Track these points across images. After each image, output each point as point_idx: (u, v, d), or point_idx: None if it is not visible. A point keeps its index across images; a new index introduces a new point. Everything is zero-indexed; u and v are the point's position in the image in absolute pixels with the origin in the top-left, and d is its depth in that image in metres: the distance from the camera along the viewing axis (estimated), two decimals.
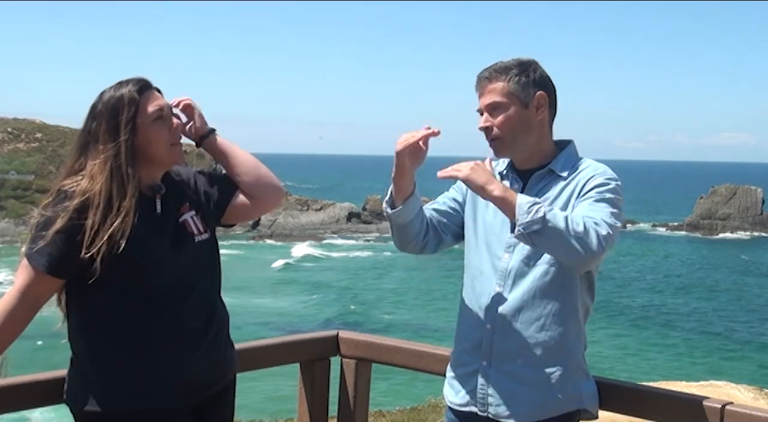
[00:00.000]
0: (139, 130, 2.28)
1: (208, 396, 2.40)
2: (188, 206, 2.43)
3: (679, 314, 34.37)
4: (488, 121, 2.49)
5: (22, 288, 2.24)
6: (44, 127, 62.88)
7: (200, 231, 2.41)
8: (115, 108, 2.26)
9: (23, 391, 2.46)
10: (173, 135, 2.36)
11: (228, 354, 2.48)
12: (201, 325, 2.35)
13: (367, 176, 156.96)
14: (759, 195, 65.11)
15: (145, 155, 2.30)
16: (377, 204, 63.59)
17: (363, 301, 37.36)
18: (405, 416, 11.38)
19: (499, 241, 2.51)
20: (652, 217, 74.35)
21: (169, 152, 2.34)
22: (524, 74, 2.48)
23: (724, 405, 2.34)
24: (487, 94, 2.50)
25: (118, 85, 2.31)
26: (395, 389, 17.60)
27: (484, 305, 2.52)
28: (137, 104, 2.27)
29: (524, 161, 2.54)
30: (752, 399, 11.44)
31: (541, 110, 2.49)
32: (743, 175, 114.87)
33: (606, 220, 2.28)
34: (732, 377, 18.29)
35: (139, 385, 2.26)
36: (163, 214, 2.35)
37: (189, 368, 2.32)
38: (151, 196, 2.34)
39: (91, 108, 2.31)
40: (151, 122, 2.29)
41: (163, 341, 2.28)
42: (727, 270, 47.95)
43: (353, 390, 3.14)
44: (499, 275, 2.50)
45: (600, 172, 2.44)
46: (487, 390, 2.49)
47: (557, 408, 2.43)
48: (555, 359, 2.44)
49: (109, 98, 2.28)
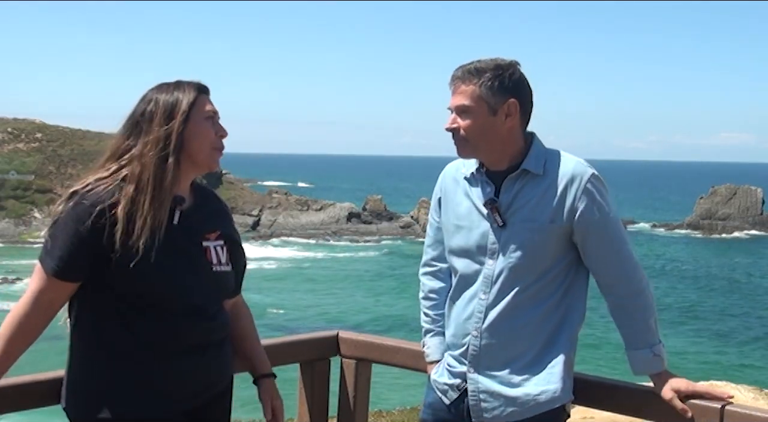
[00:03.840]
0: (191, 121, 2.27)
1: (204, 401, 2.36)
2: (218, 234, 2.39)
3: (678, 314, 34.35)
4: (455, 122, 2.47)
5: (34, 293, 2.22)
6: (44, 127, 62.87)
7: (221, 262, 2.37)
8: (174, 97, 2.27)
9: (22, 391, 2.44)
10: (219, 140, 2.34)
11: (225, 360, 2.43)
12: (200, 337, 2.30)
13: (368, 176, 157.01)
14: (759, 195, 65.13)
15: (188, 150, 2.28)
16: (377, 204, 63.64)
17: (363, 301, 37.36)
18: (405, 416, 11.39)
19: (481, 247, 2.49)
20: (652, 217, 74.24)
21: (210, 153, 2.32)
22: (497, 79, 2.42)
23: (723, 405, 2.34)
24: (458, 95, 2.46)
25: (178, 82, 2.33)
26: (395, 389, 17.59)
27: (470, 311, 2.51)
28: (195, 99, 2.28)
29: (494, 163, 2.50)
30: (752, 399, 11.43)
31: (510, 118, 2.44)
32: (743, 175, 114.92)
33: (631, 261, 2.43)
34: (732, 377, 18.29)
35: (132, 394, 2.22)
36: (180, 228, 2.29)
37: (184, 377, 2.28)
38: (171, 205, 2.27)
39: (145, 95, 2.31)
40: (203, 119, 2.29)
41: (158, 351, 2.23)
42: (727, 270, 47.94)
43: (353, 390, 3.14)
44: (483, 282, 2.48)
45: (583, 179, 2.41)
46: (479, 396, 2.49)
47: (542, 407, 2.44)
48: (542, 365, 2.44)
49: (169, 85, 2.30)
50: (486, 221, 2.48)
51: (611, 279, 2.45)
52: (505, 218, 2.45)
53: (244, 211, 62.17)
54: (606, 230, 2.43)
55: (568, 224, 2.42)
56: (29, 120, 64.35)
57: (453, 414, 2.57)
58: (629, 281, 2.44)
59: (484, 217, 2.48)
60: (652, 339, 2.44)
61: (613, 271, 2.45)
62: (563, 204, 2.42)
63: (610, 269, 2.45)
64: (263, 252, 50.80)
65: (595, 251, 2.45)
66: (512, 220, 2.44)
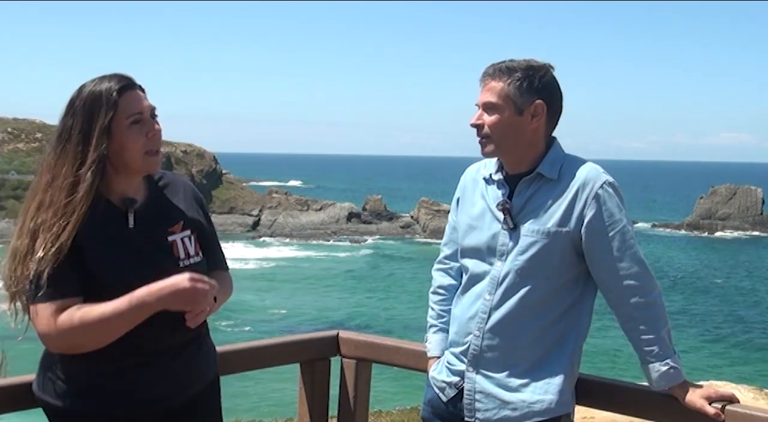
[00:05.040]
0: (115, 135, 2.16)
1: (185, 400, 2.30)
2: (182, 225, 2.30)
3: (678, 314, 34.30)
4: (480, 119, 2.46)
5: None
6: (44, 127, 62.84)
7: (189, 255, 2.29)
8: (92, 109, 2.15)
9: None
10: (151, 142, 2.21)
11: (204, 359, 2.38)
12: (174, 338, 2.25)
13: (368, 176, 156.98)
14: (759, 195, 65.12)
15: (119, 162, 2.19)
16: (377, 204, 63.59)
17: (363, 301, 37.34)
18: (405, 416, 11.38)
19: (491, 248, 2.48)
20: (652, 217, 74.30)
21: (143, 160, 2.21)
22: (527, 79, 2.40)
23: (724, 405, 2.34)
24: (486, 92, 2.45)
25: (100, 80, 2.19)
26: (395, 389, 17.59)
27: (474, 310, 2.50)
28: (116, 106, 2.15)
29: (514, 166, 2.48)
30: (752, 399, 11.41)
31: (536, 119, 2.42)
32: (743, 175, 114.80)
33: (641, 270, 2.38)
34: (732, 377, 18.28)
35: (110, 391, 2.18)
36: (137, 230, 2.22)
37: (156, 380, 2.23)
38: (123, 209, 2.21)
39: (69, 103, 2.20)
40: (127, 126, 2.17)
41: (134, 353, 2.18)
42: (727, 270, 47.91)
43: (353, 390, 3.14)
44: (490, 283, 2.47)
45: (595, 185, 2.38)
46: (474, 396, 2.48)
47: (535, 416, 2.40)
48: (542, 374, 2.42)
49: (89, 95, 2.17)
50: (497, 223, 2.47)
51: (619, 290, 2.39)
52: (515, 221, 2.43)
53: (244, 211, 62.20)
54: (614, 237, 2.37)
55: (576, 230, 2.39)
56: (29, 120, 64.40)
57: (450, 411, 2.56)
58: (639, 292, 2.37)
59: (496, 218, 2.47)
60: (667, 351, 2.38)
61: (621, 281, 2.38)
62: (573, 210, 2.39)
63: (617, 280, 2.38)
64: (263, 252, 50.79)
65: (602, 260, 2.39)
66: (522, 223, 2.43)
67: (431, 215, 59.57)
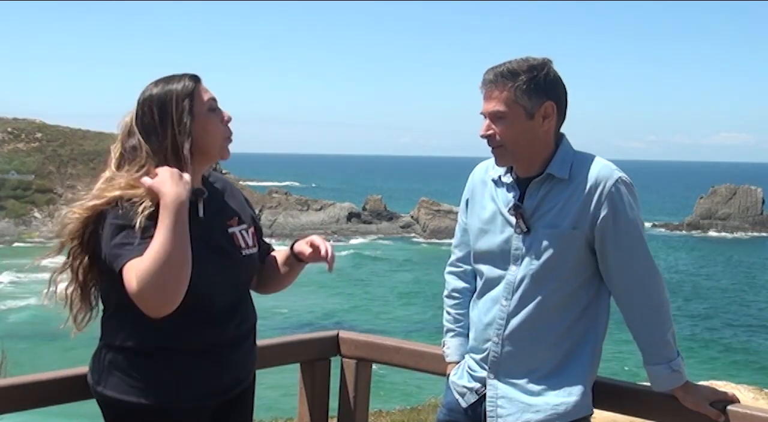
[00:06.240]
0: (196, 119, 2.22)
1: (230, 398, 2.36)
2: (237, 219, 2.38)
3: (678, 314, 34.32)
4: (490, 129, 2.38)
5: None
6: (44, 127, 62.93)
7: (248, 245, 2.38)
8: (171, 98, 2.20)
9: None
10: (226, 127, 2.30)
11: (254, 353, 2.45)
12: (232, 332, 2.31)
13: (367, 176, 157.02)
14: (759, 195, 65.11)
15: (200, 147, 2.24)
16: (377, 204, 63.60)
17: (363, 301, 37.34)
18: (405, 416, 11.37)
19: (505, 252, 2.44)
20: (652, 217, 74.24)
21: (222, 144, 2.30)
22: (533, 81, 2.33)
23: (725, 406, 2.34)
24: (491, 101, 2.36)
25: (170, 77, 2.26)
26: (395, 389, 17.59)
27: (491, 317, 2.47)
28: (193, 93, 2.22)
29: (526, 169, 2.43)
30: (752, 399, 11.41)
31: (547, 120, 2.36)
32: (743, 175, 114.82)
33: (650, 271, 2.36)
34: (732, 377, 18.27)
35: (169, 385, 2.21)
36: (206, 219, 2.28)
37: (215, 373, 2.28)
38: (193, 198, 2.22)
39: (142, 100, 2.23)
40: (206, 113, 2.24)
41: (192, 345, 2.22)
42: (727, 270, 47.93)
43: (353, 390, 3.13)
44: (506, 288, 2.43)
45: (607, 184, 2.33)
46: (497, 402, 2.45)
47: (559, 418, 2.39)
48: (564, 376, 2.40)
49: (164, 89, 2.22)
50: (510, 227, 2.42)
51: (628, 290, 2.37)
52: (529, 225, 2.39)
53: None
54: (625, 237, 2.33)
55: (590, 230, 2.35)
56: (29, 120, 64.41)
57: (469, 416, 2.53)
58: (647, 293, 2.36)
59: (508, 222, 2.43)
60: (670, 353, 2.36)
61: (630, 281, 2.36)
62: (586, 210, 2.34)
63: (626, 279, 2.36)
64: None
65: (613, 260, 2.35)
66: (536, 226, 2.38)
67: (431, 214, 59.61)
